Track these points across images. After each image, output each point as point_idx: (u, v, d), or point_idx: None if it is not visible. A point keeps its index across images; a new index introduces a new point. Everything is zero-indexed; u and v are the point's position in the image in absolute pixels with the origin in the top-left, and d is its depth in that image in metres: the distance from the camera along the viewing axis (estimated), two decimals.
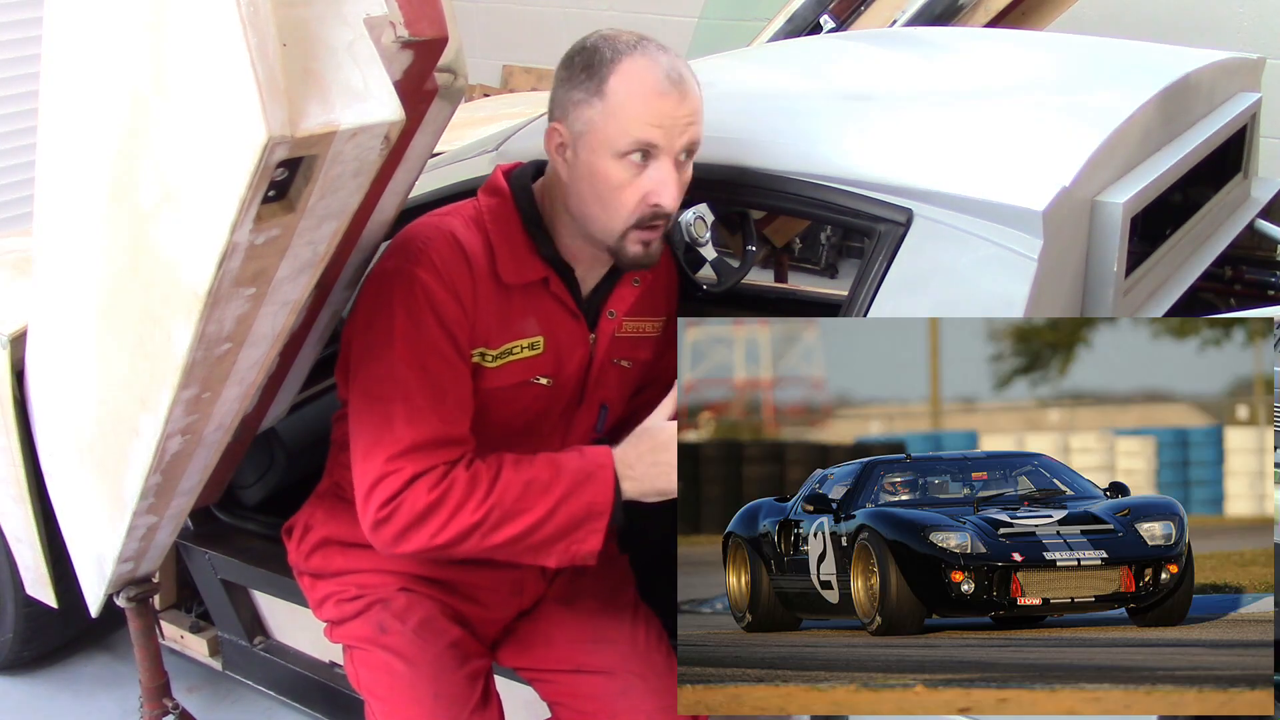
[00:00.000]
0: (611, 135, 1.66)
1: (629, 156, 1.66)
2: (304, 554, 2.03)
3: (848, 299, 1.75)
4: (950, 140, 1.85)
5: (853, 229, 1.81)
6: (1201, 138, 2.11)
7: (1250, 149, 2.50)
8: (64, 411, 2.06)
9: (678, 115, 1.66)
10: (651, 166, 1.67)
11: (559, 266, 1.81)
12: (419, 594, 1.93)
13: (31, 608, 2.84)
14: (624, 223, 1.70)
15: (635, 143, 1.65)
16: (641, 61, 1.66)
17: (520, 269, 1.78)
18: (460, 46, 1.46)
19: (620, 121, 1.65)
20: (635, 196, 1.68)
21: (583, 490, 1.70)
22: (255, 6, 1.16)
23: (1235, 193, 2.46)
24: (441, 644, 1.90)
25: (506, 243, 1.78)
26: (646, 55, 1.67)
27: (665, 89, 1.65)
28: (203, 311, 1.39)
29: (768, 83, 2.31)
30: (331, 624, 2.01)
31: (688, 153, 1.70)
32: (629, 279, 1.89)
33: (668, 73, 1.66)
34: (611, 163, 1.67)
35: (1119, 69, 2.31)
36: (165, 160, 1.35)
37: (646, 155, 1.67)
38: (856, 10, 3.31)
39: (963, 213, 1.67)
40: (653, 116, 1.64)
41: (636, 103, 1.64)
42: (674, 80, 1.65)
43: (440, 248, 1.73)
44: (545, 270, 1.80)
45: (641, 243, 1.72)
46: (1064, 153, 1.75)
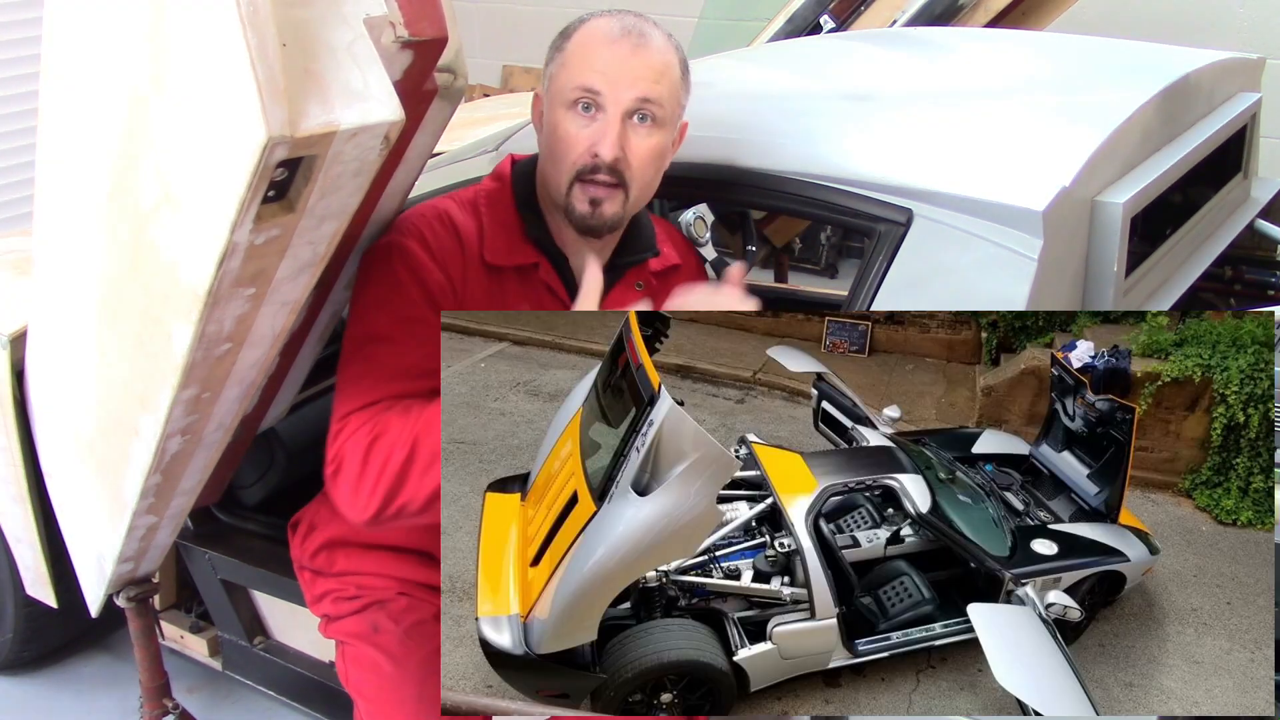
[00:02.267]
0: (562, 84, 1.67)
1: (577, 106, 1.66)
2: (308, 552, 2.03)
3: (848, 299, 1.75)
4: (950, 140, 1.85)
5: (853, 229, 1.81)
6: (1201, 138, 2.11)
7: (1250, 149, 2.50)
8: (64, 411, 2.05)
9: (626, 66, 1.64)
10: (598, 119, 1.66)
11: (550, 252, 1.79)
12: (417, 599, 1.94)
13: (31, 608, 2.84)
14: (568, 174, 1.69)
15: (579, 89, 1.65)
16: (603, 19, 1.68)
17: (509, 250, 1.77)
18: (460, 46, 1.46)
19: (570, 70, 1.67)
20: (580, 146, 1.67)
21: None
22: (255, 6, 1.16)
23: (1235, 193, 2.46)
24: (431, 647, 1.90)
25: (497, 223, 1.78)
26: (611, 15, 1.69)
27: (615, 37, 1.65)
28: (203, 311, 1.39)
29: (768, 83, 2.31)
30: (327, 619, 2.01)
31: (643, 114, 1.67)
32: (631, 281, 1.86)
33: (624, 26, 1.67)
34: (563, 113, 1.67)
35: (1119, 69, 2.31)
36: (165, 160, 1.35)
37: (593, 107, 1.66)
38: (856, 10, 3.31)
39: (963, 213, 1.67)
40: (598, 63, 1.65)
41: (586, 50, 1.66)
42: (628, 31, 1.66)
43: (433, 224, 1.74)
44: (536, 255, 1.79)
45: (589, 200, 1.69)
46: (1064, 153, 1.75)
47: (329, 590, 1.99)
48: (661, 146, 1.70)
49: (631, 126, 1.66)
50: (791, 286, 3.61)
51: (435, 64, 1.42)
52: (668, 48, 1.69)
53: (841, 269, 5.49)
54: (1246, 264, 2.56)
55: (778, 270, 3.95)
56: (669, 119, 1.70)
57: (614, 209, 1.70)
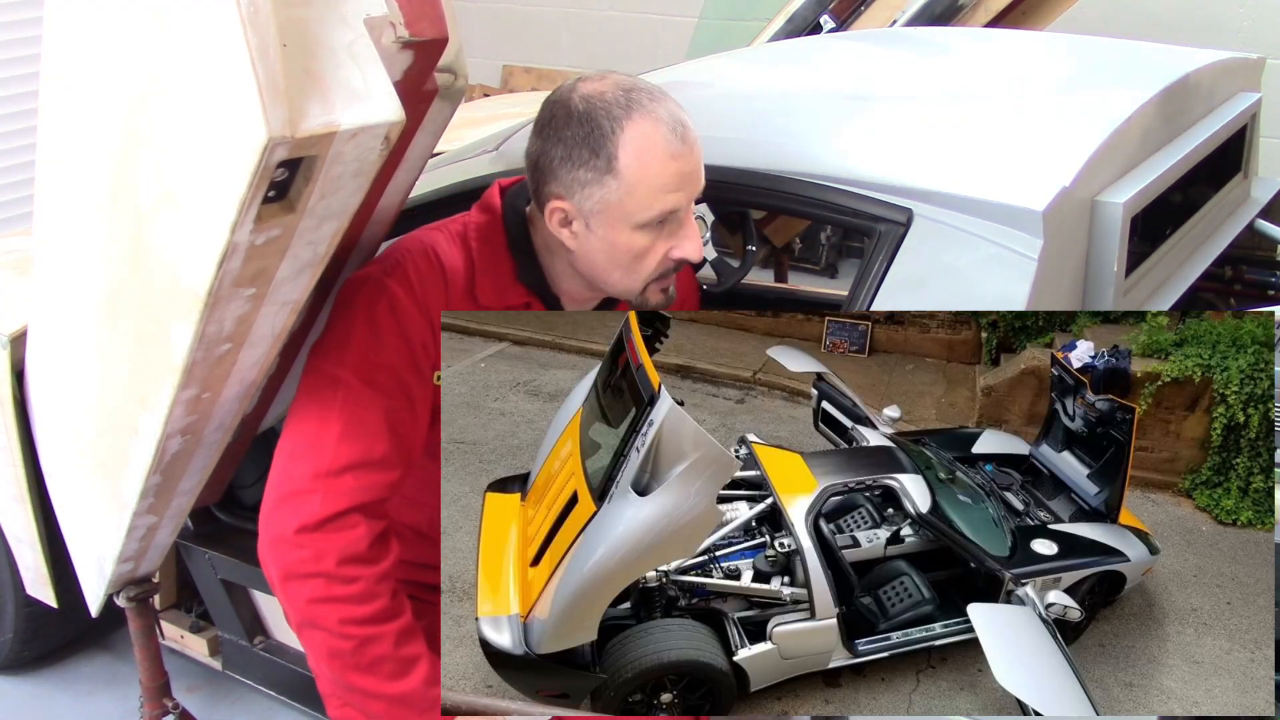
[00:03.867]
0: (631, 210, 1.58)
1: (654, 223, 1.60)
2: None
3: (848, 299, 1.74)
4: (950, 140, 1.85)
5: (853, 229, 1.81)
6: (1201, 138, 2.11)
7: (1250, 149, 2.49)
8: (64, 411, 2.05)
9: (692, 170, 1.60)
10: (673, 223, 1.61)
11: (543, 294, 1.75)
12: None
13: (31, 608, 2.84)
14: (645, 279, 1.66)
15: (660, 214, 1.59)
16: (645, 125, 1.55)
17: (500, 292, 1.73)
18: (460, 46, 1.46)
19: (640, 197, 1.57)
20: (658, 257, 1.63)
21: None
22: (255, 7, 1.16)
23: (1235, 193, 2.46)
24: None
25: (488, 263, 1.71)
26: (648, 115, 1.55)
27: (677, 150, 1.56)
28: (203, 311, 1.39)
29: (768, 83, 2.31)
30: None
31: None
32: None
33: (673, 129, 1.56)
34: (633, 234, 1.60)
35: (1119, 69, 2.31)
36: (165, 160, 1.35)
37: (670, 218, 1.61)
38: (856, 10, 3.31)
39: (963, 213, 1.67)
40: (671, 182, 1.57)
41: (653, 174, 1.56)
42: (679, 135, 1.57)
43: (418, 262, 1.67)
44: (527, 296, 1.75)
45: (662, 290, 1.69)
46: (1064, 153, 1.75)
47: None
48: None
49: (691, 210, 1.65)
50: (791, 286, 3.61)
51: (435, 64, 1.42)
52: (690, 118, 1.61)
53: (841, 269, 5.49)
54: (1246, 264, 2.56)
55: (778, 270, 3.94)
56: None
57: (674, 281, 1.71)
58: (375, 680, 1.61)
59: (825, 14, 3.31)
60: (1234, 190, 2.45)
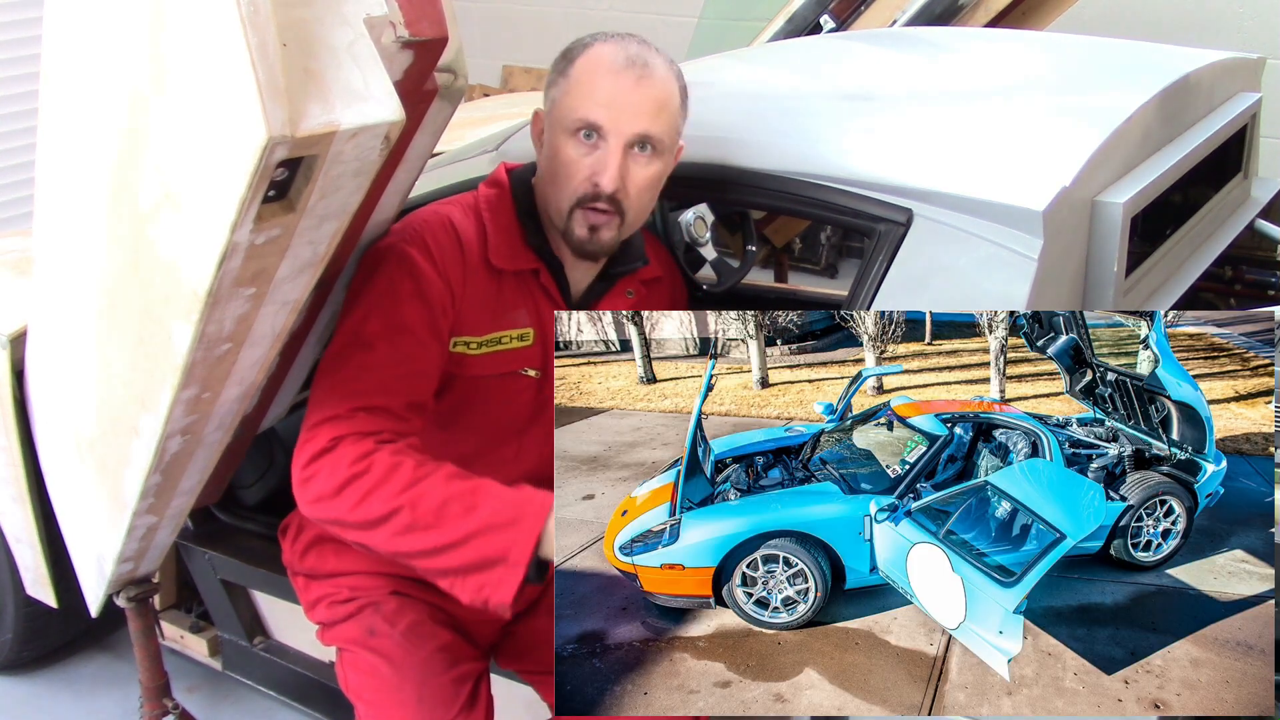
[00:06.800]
0: (565, 111, 1.70)
1: (579, 134, 1.69)
2: (298, 553, 2.03)
3: (848, 299, 1.75)
4: (950, 140, 1.85)
5: (853, 229, 1.81)
6: (1201, 138, 2.11)
7: (1250, 149, 2.49)
8: (64, 411, 2.05)
9: (629, 99, 1.67)
10: (600, 148, 1.69)
11: (549, 259, 1.84)
12: (412, 598, 1.93)
13: (31, 608, 2.84)
14: (569, 200, 1.73)
15: (581, 120, 1.68)
16: (608, 46, 1.70)
17: (512, 255, 1.82)
18: (460, 46, 1.46)
19: (573, 98, 1.69)
20: (581, 174, 1.70)
21: (503, 531, 1.55)
22: (255, 7, 1.16)
23: (1235, 193, 2.46)
24: (430, 648, 1.90)
25: (500, 229, 1.82)
26: (616, 42, 1.71)
27: (619, 68, 1.68)
28: (203, 311, 1.39)
29: (768, 83, 2.31)
30: (324, 626, 2.01)
31: (643, 144, 1.70)
32: (622, 289, 1.93)
33: (629, 56, 1.68)
34: (565, 139, 1.70)
35: (1119, 69, 2.31)
36: (165, 160, 1.35)
37: (595, 135, 1.69)
38: (856, 10, 3.31)
39: (963, 213, 1.67)
40: (602, 95, 1.67)
41: (590, 80, 1.68)
42: (632, 62, 1.68)
43: (435, 231, 1.77)
44: (535, 261, 1.83)
45: (587, 226, 1.74)
46: (1064, 153, 1.75)
47: (323, 595, 1.99)
48: (660, 174, 1.76)
49: (632, 156, 1.71)
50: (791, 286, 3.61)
51: (435, 64, 1.42)
52: (669, 77, 1.72)
53: (841, 269, 5.49)
54: (1246, 264, 2.56)
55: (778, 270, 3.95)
56: (668, 148, 1.75)
57: (610, 234, 1.76)
58: (457, 520, 1.56)
59: (825, 14, 3.31)
60: (1234, 190, 2.45)
